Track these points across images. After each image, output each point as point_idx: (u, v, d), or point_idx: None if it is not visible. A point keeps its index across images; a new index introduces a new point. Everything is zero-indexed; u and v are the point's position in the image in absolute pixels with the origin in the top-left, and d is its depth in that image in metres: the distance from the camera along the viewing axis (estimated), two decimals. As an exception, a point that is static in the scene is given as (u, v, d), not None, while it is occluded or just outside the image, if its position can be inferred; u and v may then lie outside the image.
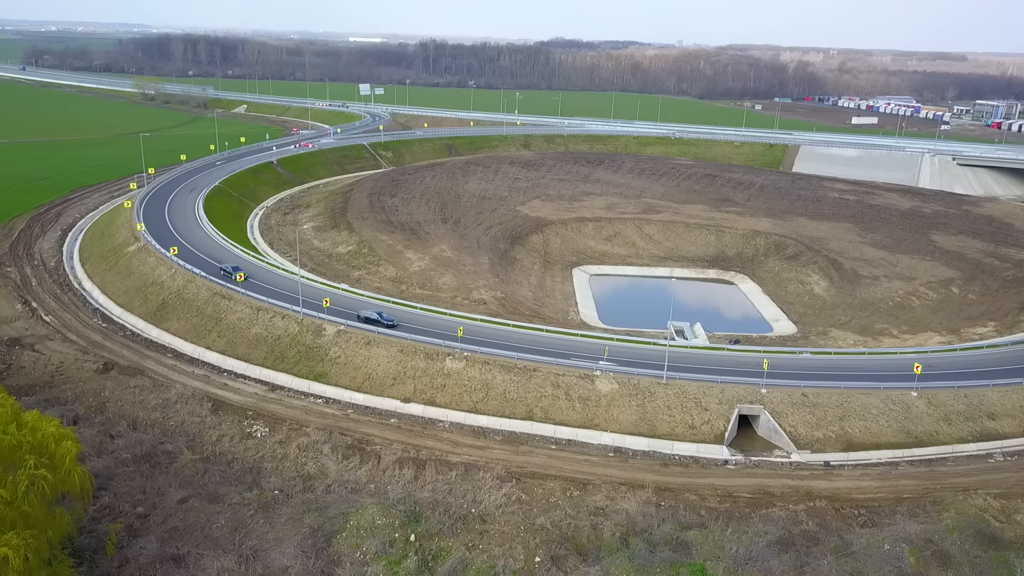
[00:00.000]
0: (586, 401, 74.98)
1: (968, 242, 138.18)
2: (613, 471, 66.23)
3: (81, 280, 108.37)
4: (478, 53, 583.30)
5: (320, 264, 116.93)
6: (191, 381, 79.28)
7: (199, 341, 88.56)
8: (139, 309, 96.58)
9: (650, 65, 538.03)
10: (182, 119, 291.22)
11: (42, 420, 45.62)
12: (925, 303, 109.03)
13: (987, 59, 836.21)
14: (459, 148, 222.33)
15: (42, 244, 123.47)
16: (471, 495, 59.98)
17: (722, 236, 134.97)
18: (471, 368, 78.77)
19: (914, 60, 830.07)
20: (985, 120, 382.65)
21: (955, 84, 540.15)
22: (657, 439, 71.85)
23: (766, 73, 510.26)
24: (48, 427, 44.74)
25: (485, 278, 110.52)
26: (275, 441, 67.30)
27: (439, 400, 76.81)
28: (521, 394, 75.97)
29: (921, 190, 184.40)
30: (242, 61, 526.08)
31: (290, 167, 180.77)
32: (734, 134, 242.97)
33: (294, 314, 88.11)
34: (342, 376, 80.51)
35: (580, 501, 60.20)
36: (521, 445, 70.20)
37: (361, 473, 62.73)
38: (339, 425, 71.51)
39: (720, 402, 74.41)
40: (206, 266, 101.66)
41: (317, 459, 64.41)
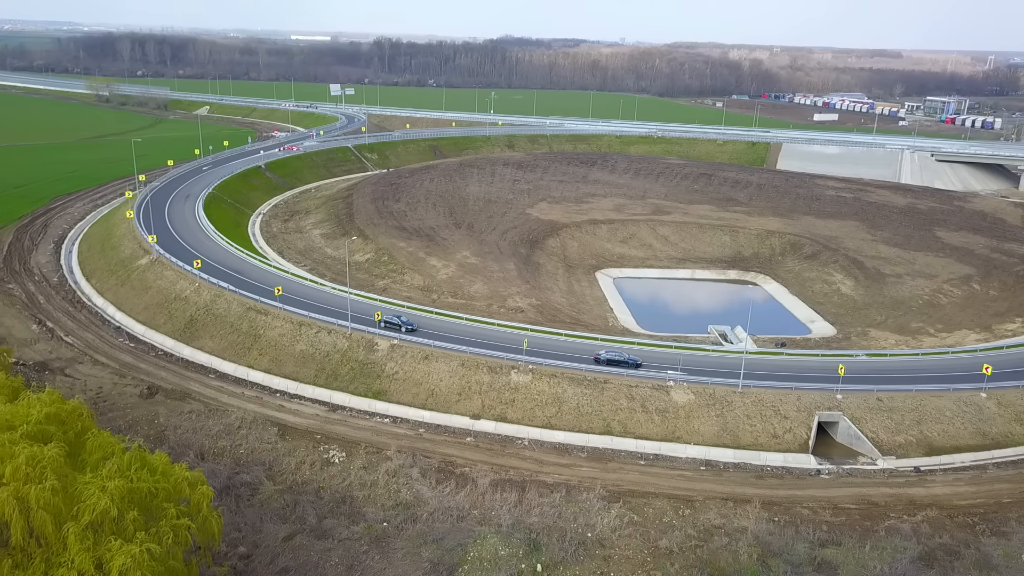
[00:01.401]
0: (664, 413, 73.21)
1: (971, 238, 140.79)
2: (710, 485, 64.58)
3: (90, 296, 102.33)
4: (434, 51, 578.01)
5: (339, 273, 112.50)
6: (245, 404, 75.02)
7: (240, 360, 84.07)
8: (165, 327, 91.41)
9: (608, 63, 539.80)
10: (144, 121, 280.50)
11: (169, 463, 41.67)
12: (952, 300, 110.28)
13: (920, 56, 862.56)
14: (444, 149, 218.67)
15: (37, 257, 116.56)
16: (582, 518, 57.59)
17: (736, 236, 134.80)
18: (539, 382, 76.29)
19: (853, 57, 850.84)
20: (938, 116, 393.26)
21: (901, 81, 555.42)
22: (742, 450, 70.51)
23: (723, 71, 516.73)
24: (181, 471, 40.87)
25: (516, 285, 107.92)
26: (358, 467, 63.74)
27: (510, 416, 74.14)
28: (596, 408, 73.81)
29: (910, 187, 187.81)
30: (193, 60, 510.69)
31: (278, 171, 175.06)
32: (714, 132, 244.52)
33: (340, 328, 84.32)
34: (403, 393, 77.20)
35: (693, 520, 58.31)
36: (609, 462, 68.05)
37: (461, 499, 59.69)
38: (416, 446, 68.28)
39: (798, 409, 73.45)
40: (233, 280, 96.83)
41: (410, 485, 61.12)
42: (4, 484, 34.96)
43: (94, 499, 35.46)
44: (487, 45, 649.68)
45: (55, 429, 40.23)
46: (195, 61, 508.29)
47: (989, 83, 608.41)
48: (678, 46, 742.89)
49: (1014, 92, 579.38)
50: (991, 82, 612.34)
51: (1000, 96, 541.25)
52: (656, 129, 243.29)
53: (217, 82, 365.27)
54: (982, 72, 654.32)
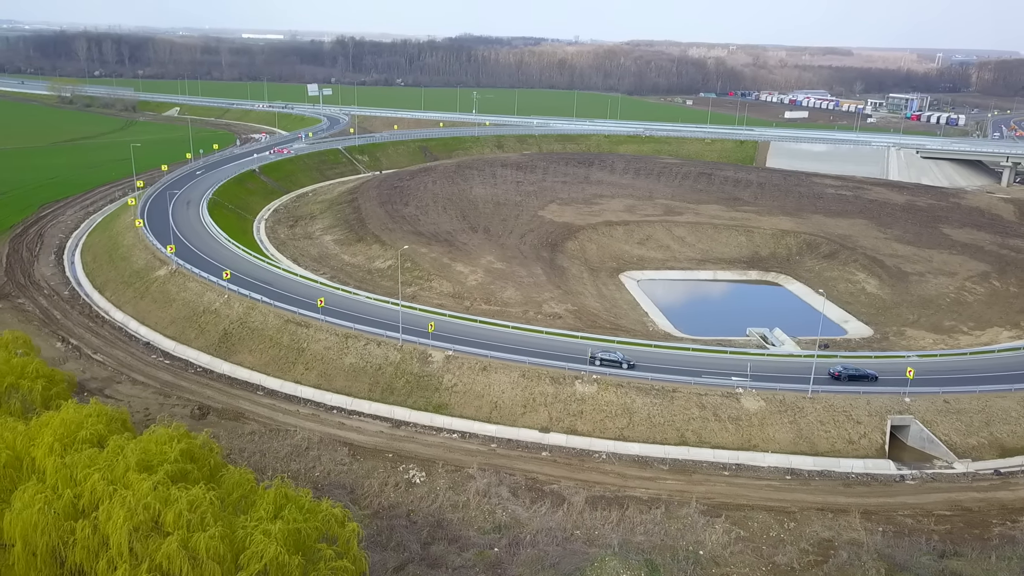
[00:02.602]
0: (737, 421, 72.01)
1: (976, 234, 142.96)
2: (801, 495, 63.52)
3: (107, 310, 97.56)
4: (399, 50, 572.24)
5: (362, 281, 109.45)
6: (302, 422, 71.83)
7: (285, 375, 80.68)
8: (197, 342, 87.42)
9: (574, 61, 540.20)
10: (115, 124, 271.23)
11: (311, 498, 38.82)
12: (977, 298, 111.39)
13: (869, 53, 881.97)
14: (433, 150, 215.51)
15: (41, 270, 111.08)
16: (688, 535, 55.96)
17: (752, 236, 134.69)
18: (605, 392, 74.48)
19: (807, 55, 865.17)
20: (903, 113, 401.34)
21: (861, 78, 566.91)
22: (821, 457, 69.63)
23: (690, 69, 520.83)
24: (327, 508, 38.04)
25: (548, 290, 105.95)
26: (444, 487, 61.18)
27: (580, 428, 72.20)
28: (668, 418, 72.29)
29: (904, 184, 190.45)
30: (153, 60, 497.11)
31: (272, 175, 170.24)
32: (700, 131, 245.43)
33: (390, 340, 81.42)
34: (466, 406, 74.73)
35: (800, 533, 57.10)
36: (693, 473, 66.56)
37: (559, 518, 57.58)
38: (494, 463, 65.95)
39: (870, 414, 72.89)
40: (261, 291, 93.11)
41: (503, 506, 58.80)
42: (167, 533, 31.89)
43: (261, 545, 32.57)
44: (452, 43, 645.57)
45: (192, 467, 37.09)
46: (155, 61, 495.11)
47: (942, 80, 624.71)
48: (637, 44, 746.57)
49: (965, 89, 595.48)
50: (944, 79, 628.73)
51: (953, 93, 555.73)
52: (643, 128, 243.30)
53: (185, 82, 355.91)
54: (935, 70, 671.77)
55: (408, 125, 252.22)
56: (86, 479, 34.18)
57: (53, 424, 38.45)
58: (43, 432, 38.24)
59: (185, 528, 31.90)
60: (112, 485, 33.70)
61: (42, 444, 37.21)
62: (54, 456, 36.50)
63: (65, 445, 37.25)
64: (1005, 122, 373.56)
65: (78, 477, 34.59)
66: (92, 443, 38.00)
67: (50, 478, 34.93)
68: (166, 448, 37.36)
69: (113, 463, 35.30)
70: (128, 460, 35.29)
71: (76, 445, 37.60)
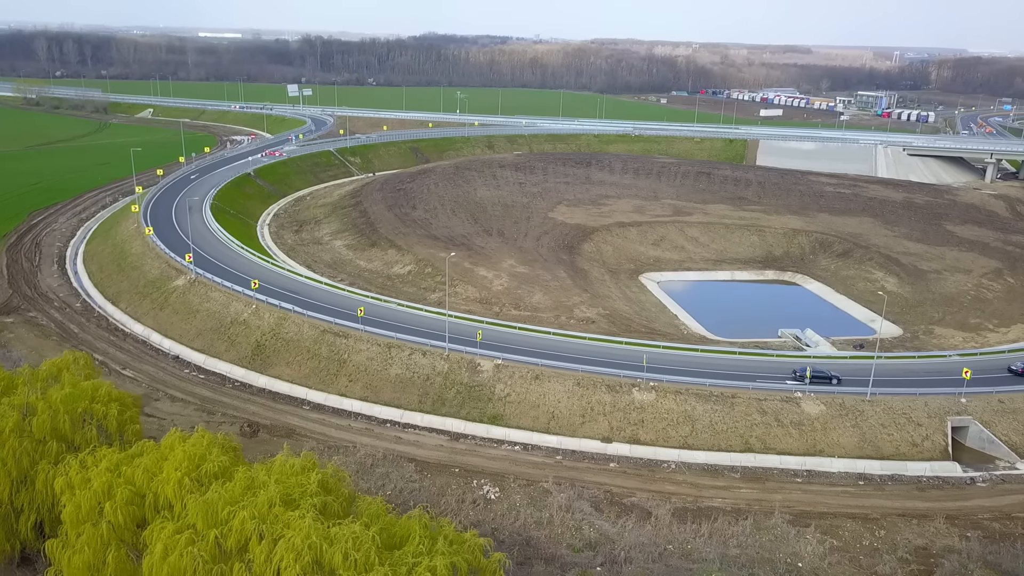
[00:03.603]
0: (800, 426, 71.26)
1: (978, 231, 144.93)
2: (879, 501, 62.90)
3: (125, 323, 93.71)
4: (368, 49, 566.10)
5: (384, 288, 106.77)
6: (358, 437, 69.42)
7: (328, 388, 78.04)
8: (228, 354, 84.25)
9: (546, 60, 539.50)
10: (89, 126, 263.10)
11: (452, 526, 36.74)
12: (996, 295, 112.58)
13: (827, 51, 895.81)
14: (424, 151, 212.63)
15: (46, 281, 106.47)
16: (783, 547, 54.89)
17: (764, 236, 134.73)
18: (664, 399, 73.18)
19: (768, 53, 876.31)
20: (873, 110, 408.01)
21: (827, 76, 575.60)
22: (887, 460, 69.17)
23: (661, 68, 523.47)
24: (472, 538, 35.97)
25: (576, 294, 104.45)
26: (522, 503, 59.30)
27: (643, 438, 70.81)
28: (730, 424, 71.25)
29: (897, 181, 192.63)
30: (116, 60, 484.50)
31: (268, 178, 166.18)
32: (688, 130, 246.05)
33: (435, 349, 79.20)
34: (522, 417, 72.90)
35: (892, 541, 56.37)
36: (766, 481, 65.56)
37: (649, 533, 56.10)
38: (564, 476, 64.23)
39: (929, 415, 72.66)
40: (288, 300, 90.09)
41: (588, 521, 57.12)
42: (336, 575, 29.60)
43: (430, 585, 30.48)
44: (419, 42, 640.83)
45: (330, 499, 34.72)
46: (118, 60, 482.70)
47: (904, 78, 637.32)
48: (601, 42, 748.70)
49: (925, 86, 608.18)
50: (905, 77, 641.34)
51: (914, 90, 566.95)
52: (632, 128, 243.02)
53: (156, 83, 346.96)
54: (896, 67, 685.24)
55: (393, 126, 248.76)
56: (231, 517, 31.67)
57: (175, 457, 35.74)
58: (164, 466, 35.53)
59: (353, 569, 29.65)
60: (261, 523, 31.27)
61: (168, 479, 34.51)
62: (183, 491, 33.86)
63: (194, 479, 34.61)
64: (972, 119, 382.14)
65: (221, 515, 32.04)
66: (219, 476, 35.41)
67: (192, 517, 32.28)
68: (303, 479, 34.92)
69: (255, 498, 32.78)
70: (271, 494, 32.82)
71: (204, 479, 35.00)
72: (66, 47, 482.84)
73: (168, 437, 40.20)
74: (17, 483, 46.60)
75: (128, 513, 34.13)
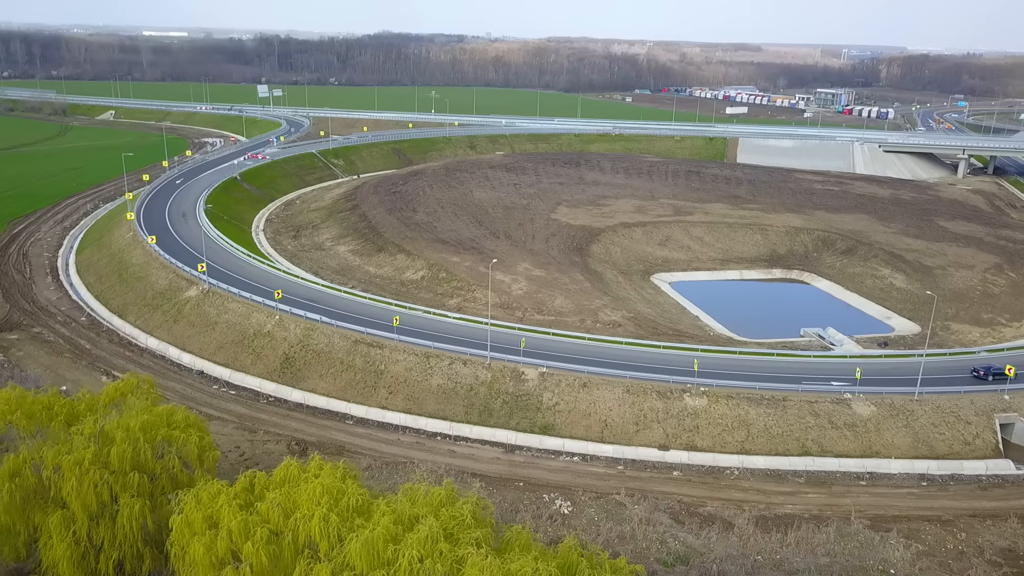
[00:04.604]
0: (853, 428, 70.98)
1: (968, 226, 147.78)
2: (947, 502, 62.86)
3: (136, 337, 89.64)
4: (327, 48, 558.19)
5: (399, 294, 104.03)
6: (411, 452, 67.14)
7: (368, 401, 75.44)
8: (255, 368, 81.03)
9: (509, 59, 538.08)
10: (51, 129, 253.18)
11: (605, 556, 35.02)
12: (1003, 290, 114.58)
13: (776, 49, 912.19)
14: (407, 152, 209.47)
15: (44, 294, 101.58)
16: (871, 553, 54.31)
17: (767, 234, 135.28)
18: (716, 404, 72.28)
19: (720, 51, 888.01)
20: (835, 107, 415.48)
21: (783, 74, 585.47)
22: (943, 460, 69.21)
23: (624, 66, 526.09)
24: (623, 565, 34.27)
25: (598, 297, 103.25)
26: (599, 516, 57.76)
27: (700, 444, 69.81)
28: (785, 428, 70.68)
29: (879, 178, 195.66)
30: (67, 60, 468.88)
31: (254, 182, 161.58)
32: (667, 128, 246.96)
33: (476, 358, 77.14)
34: (574, 426, 71.33)
35: (976, 544, 56.20)
36: (831, 485, 65.07)
37: (734, 543, 55.01)
38: (632, 486, 62.89)
39: (977, 413, 73.01)
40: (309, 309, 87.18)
41: (671, 533, 55.84)
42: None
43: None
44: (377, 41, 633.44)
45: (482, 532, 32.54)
46: (69, 61, 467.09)
47: (855, 75, 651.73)
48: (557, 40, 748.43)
49: (876, 83, 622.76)
50: (857, 74, 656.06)
51: (867, 87, 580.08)
52: (612, 127, 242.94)
53: (116, 83, 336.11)
54: (849, 65, 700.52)
55: (369, 126, 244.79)
56: (397, 556, 29.39)
57: (311, 491, 33.16)
58: (299, 501, 32.99)
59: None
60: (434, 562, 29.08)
61: (309, 516, 31.98)
62: (329, 528, 31.42)
63: (340, 516, 32.16)
64: (929, 115, 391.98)
65: (385, 555, 29.70)
66: (361, 512, 33.00)
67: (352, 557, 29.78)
68: (455, 511, 32.73)
69: (414, 534, 30.51)
70: (431, 530, 30.61)
71: (345, 514, 32.56)
72: (12, 46, 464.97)
73: (282, 469, 37.61)
74: (96, 518, 43.55)
75: (268, 554, 31.61)
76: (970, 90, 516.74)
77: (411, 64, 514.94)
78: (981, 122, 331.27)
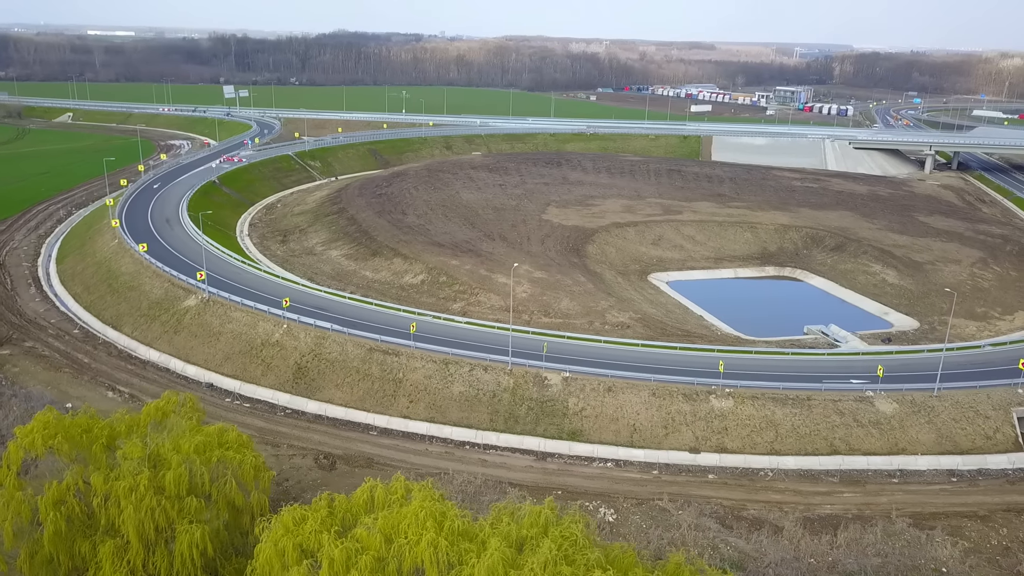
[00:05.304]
0: (878, 425, 71.41)
1: (947, 221, 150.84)
2: (979, 497, 63.50)
3: (134, 349, 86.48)
4: (285, 47, 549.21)
5: (399, 299, 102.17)
6: (443, 463, 65.70)
7: (389, 410, 73.71)
8: (266, 379, 78.71)
9: (471, 58, 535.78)
10: (6, 133, 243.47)
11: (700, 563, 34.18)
12: (991, 283, 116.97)
13: (729, 47, 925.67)
14: (383, 153, 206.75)
15: (30, 306, 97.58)
16: (920, 552, 54.48)
17: (756, 232, 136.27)
18: (743, 405, 72.14)
19: (675, 49, 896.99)
20: (795, 105, 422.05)
21: (742, 72, 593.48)
22: (967, 455, 69.88)
23: (586, 65, 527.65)
24: None
25: (602, 298, 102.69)
26: (646, 524, 57.03)
27: (730, 446, 69.55)
28: (811, 427, 70.82)
29: (855, 174, 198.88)
30: (16, 60, 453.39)
31: (232, 185, 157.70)
32: (640, 127, 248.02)
33: (496, 364, 75.91)
34: (603, 431, 70.55)
35: (1018, 540, 56.80)
36: (865, 484, 65.31)
37: (784, 547, 54.73)
38: (671, 491, 62.33)
39: (994, 407, 74.00)
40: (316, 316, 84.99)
41: (721, 538, 55.34)
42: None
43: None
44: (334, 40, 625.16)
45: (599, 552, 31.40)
46: (17, 61, 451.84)
47: (810, 73, 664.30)
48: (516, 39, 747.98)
49: (830, 81, 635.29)
50: (812, 72, 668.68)
51: (821, 85, 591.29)
52: (586, 126, 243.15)
53: (73, 84, 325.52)
54: (803, 63, 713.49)
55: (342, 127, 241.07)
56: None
57: (413, 515, 31.55)
58: (402, 526, 31.40)
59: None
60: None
61: (418, 542, 30.42)
62: (439, 554, 29.97)
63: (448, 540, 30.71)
64: (886, 111, 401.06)
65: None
66: (465, 535, 31.58)
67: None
68: (567, 531, 31.52)
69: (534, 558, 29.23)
70: (551, 553, 29.35)
71: (452, 538, 31.12)
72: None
73: (365, 490, 36.01)
74: (152, 547, 41.44)
75: (375, 585, 30.11)
76: (921, 87, 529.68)
77: (372, 64, 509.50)
78: (937, 118, 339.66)
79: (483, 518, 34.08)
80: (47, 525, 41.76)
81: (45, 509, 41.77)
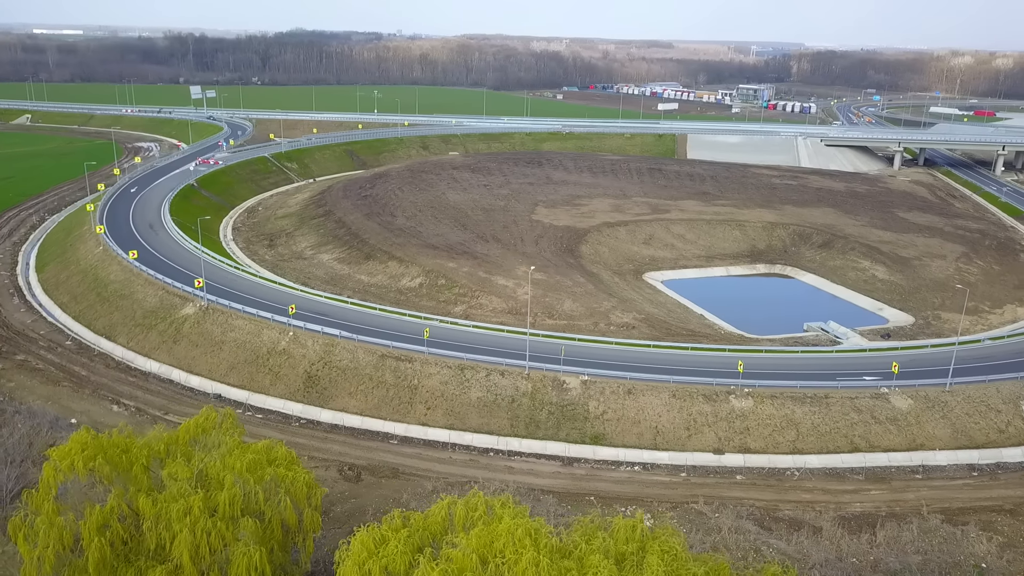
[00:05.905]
0: (895, 422, 72.08)
1: (926, 216, 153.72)
2: (1002, 491, 64.36)
3: (131, 360, 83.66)
4: (244, 47, 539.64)
5: (398, 303, 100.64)
6: (469, 471, 64.55)
7: (407, 418, 72.28)
8: (275, 389, 76.71)
9: (434, 57, 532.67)
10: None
11: None
12: (977, 278, 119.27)
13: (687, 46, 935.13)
14: (360, 154, 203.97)
15: (16, 317, 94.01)
16: (958, 549, 54.86)
17: (745, 230, 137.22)
18: (762, 405, 72.24)
19: (634, 47, 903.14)
20: (759, 103, 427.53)
21: (703, 70, 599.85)
22: (983, 449, 70.87)
23: (550, 64, 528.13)
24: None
25: (604, 299, 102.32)
26: (687, 528, 56.35)
27: (753, 446, 69.57)
28: (831, 425, 71.20)
29: (831, 171, 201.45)
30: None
31: (211, 188, 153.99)
32: (615, 126, 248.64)
33: (514, 368, 74.97)
34: (625, 434, 70.05)
35: (1050, 533, 57.62)
36: (890, 480, 65.78)
37: (825, 548, 54.56)
38: (703, 493, 62.10)
39: (1004, 401, 75.20)
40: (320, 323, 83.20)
41: (762, 541, 55.06)
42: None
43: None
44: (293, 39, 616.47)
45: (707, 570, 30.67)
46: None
47: (769, 71, 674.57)
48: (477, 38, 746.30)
49: (788, 79, 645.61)
50: (770, 70, 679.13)
51: (780, 82, 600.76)
52: (561, 125, 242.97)
53: (30, 85, 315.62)
54: (762, 61, 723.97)
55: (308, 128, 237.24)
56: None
57: (507, 532, 30.43)
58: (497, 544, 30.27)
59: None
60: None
61: (518, 562, 29.29)
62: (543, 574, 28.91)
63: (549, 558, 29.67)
64: (847, 108, 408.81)
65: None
66: (563, 552, 30.59)
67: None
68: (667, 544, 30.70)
69: (641, 575, 28.46)
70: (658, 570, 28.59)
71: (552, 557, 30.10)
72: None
73: (441, 507, 34.83)
74: (206, 572, 39.66)
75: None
76: (877, 84, 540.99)
77: (335, 63, 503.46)
78: (897, 115, 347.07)
79: (567, 532, 33.16)
80: (91, 551, 39.61)
81: (89, 534, 39.61)
